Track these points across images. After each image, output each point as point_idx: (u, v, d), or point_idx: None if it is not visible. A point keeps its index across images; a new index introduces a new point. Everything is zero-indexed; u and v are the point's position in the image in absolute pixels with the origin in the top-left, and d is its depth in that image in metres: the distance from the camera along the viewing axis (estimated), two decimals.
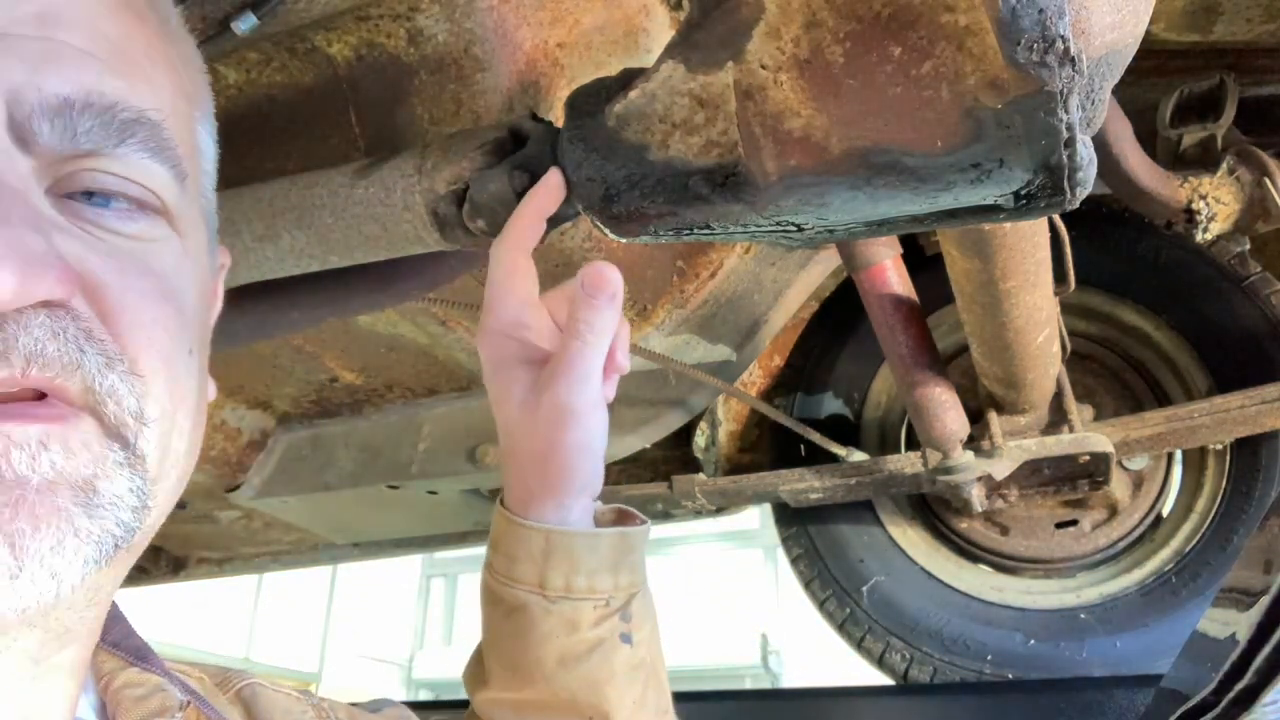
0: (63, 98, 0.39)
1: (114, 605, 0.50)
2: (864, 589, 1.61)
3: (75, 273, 0.37)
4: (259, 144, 1.01)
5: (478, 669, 0.72)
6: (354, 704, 0.73)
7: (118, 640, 0.53)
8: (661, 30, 1.06)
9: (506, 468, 0.68)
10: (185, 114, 0.48)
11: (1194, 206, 1.25)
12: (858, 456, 1.50)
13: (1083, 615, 1.53)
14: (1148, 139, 1.27)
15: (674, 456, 1.84)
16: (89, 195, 0.41)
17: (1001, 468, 1.39)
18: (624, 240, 0.66)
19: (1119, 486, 1.54)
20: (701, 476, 1.61)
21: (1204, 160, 1.29)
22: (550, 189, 0.66)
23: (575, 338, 0.62)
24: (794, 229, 0.62)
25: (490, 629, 0.69)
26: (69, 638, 0.43)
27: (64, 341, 0.37)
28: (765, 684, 6.64)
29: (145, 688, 0.51)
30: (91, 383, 0.38)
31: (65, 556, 0.36)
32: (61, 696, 0.45)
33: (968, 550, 1.64)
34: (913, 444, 1.63)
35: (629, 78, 0.63)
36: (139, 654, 0.53)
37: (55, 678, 0.44)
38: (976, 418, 1.41)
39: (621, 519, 0.72)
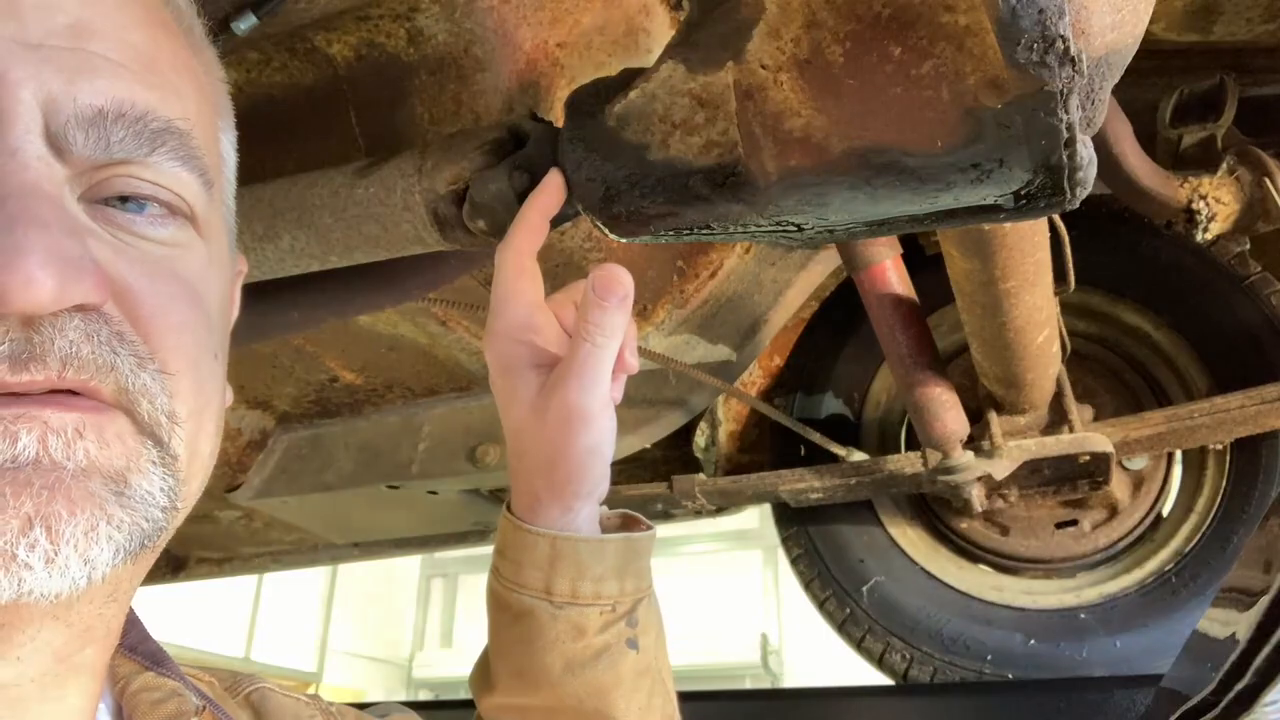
0: (96, 108, 0.40)
1: (130, 609, 0.50)
2: (864, 589, 1.61)
3: (108, 277, 0.38)
4: (259, 144, 1.01)
5: (484, 674, 0.72)
6: (361, 707, 0.73)
7: (134, 644, 0.53)
8: (661, 30, 1.05)
9: (514, 472, 0.68)
10: (210, 123, 0.49)
11: (1194, 206, 1.25)
12: (858, 456, 1.50)
13: (1083, 615, 1.53)
14: (1148, 139, 1.27)
15: (674, 456, 1.84)
16: (123, 200, 0.42)
17: (1001, 468, 1.39)
18: (624, 240, 0.66)
19: (1119, 486, 1.54)
20: (701, 476, 1.61)
21: (1204, 160, 1.29)
22: (552, 190, 0.65)
23: (585, 340, 0.62)
24: (794, 229, 0.62)
25: (496, 634, 0.69)
26: (90, 636, 0.43)
27: (97, 344, 0.38)
28: (765, 684, 6.63)
29: (161, 692, 0.51)
30: (125, 383, 0.39)
31: (99, 543, 0.37)
32: (83, 697, 0.45)
33: (968, 550, 1.64)
34: (913, 444, 1.63)
35: (629, 78, 0.63)
36: (155, 658, 0.53)
37: (78, 678, 0.44)
38: (976, 418, 1.41)
39: (627, 524, 0.72)
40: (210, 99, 0.50)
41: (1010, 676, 1.50)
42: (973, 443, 1.39)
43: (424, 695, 7.35)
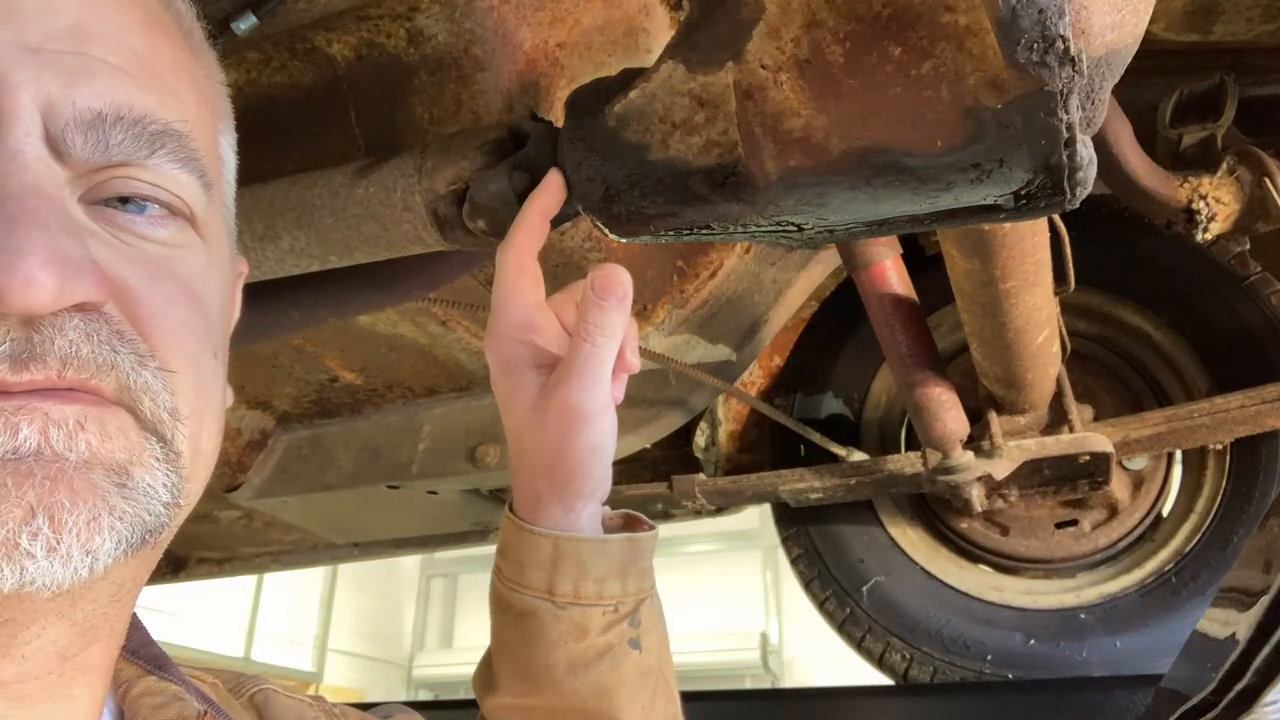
0: (95, 112, 0.40)
1: (133, 613, 0.51)
2: (864, 589, 1.61)
3: (108, 277, 0.39)
4: (259, 144, 1.01)
5: (487, 674, 0.72)
6: (363, 707, 0.73)
7: (135, 648, 0.53)
8: (661, 30, 1.06)
9: (515, 472, 0.68)
10: (209, 125, 0.49)
11: (1194, 206, 1.25)
12: (858, 456, 1.50)
13: (1083, 615, 1.53)
14: (1148, 139, 1.27)
15: (674, 456, 1.84)
16: (124, 201, 0.42)
17: (1001, 468, 1.39)
18: (624, 240, 0.66)
19: (1119, 486, 1.54)
20: (701, 476, 1.61)
21: (1204, 160, 1.29)
22: (552, 190, 0.66)
23: (585, 340, 0.62)
24: (794, 229, 0.62)
25: (499, 635, 0.69)
26: (94, 635, 0.43)
27: (97, 343, 0.38)
28: (765, 684, 6.63)
29: (163, 696, 0.51)
30: (126, 381, 0.39)
31: (101, 534, 0.37)
32: (90, 698, 0.45)
33: (968, 550, 1.64)
34: (913, 444, 1.63)
35: (629, 78, 0.63)
36: (157, 662, 0.53)
37: (84, 678, 0.44)
38: (976, 418, 1.41)
39: (629, 524, 0.72)
40: (209, 102, 0.50)
41: (1010, 676, 1.50)
42: (973, 443, 1.39)
43: (424, 695, 7.35)
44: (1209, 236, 1.27)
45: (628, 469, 1.86)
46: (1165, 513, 1.59)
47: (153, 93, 0.43)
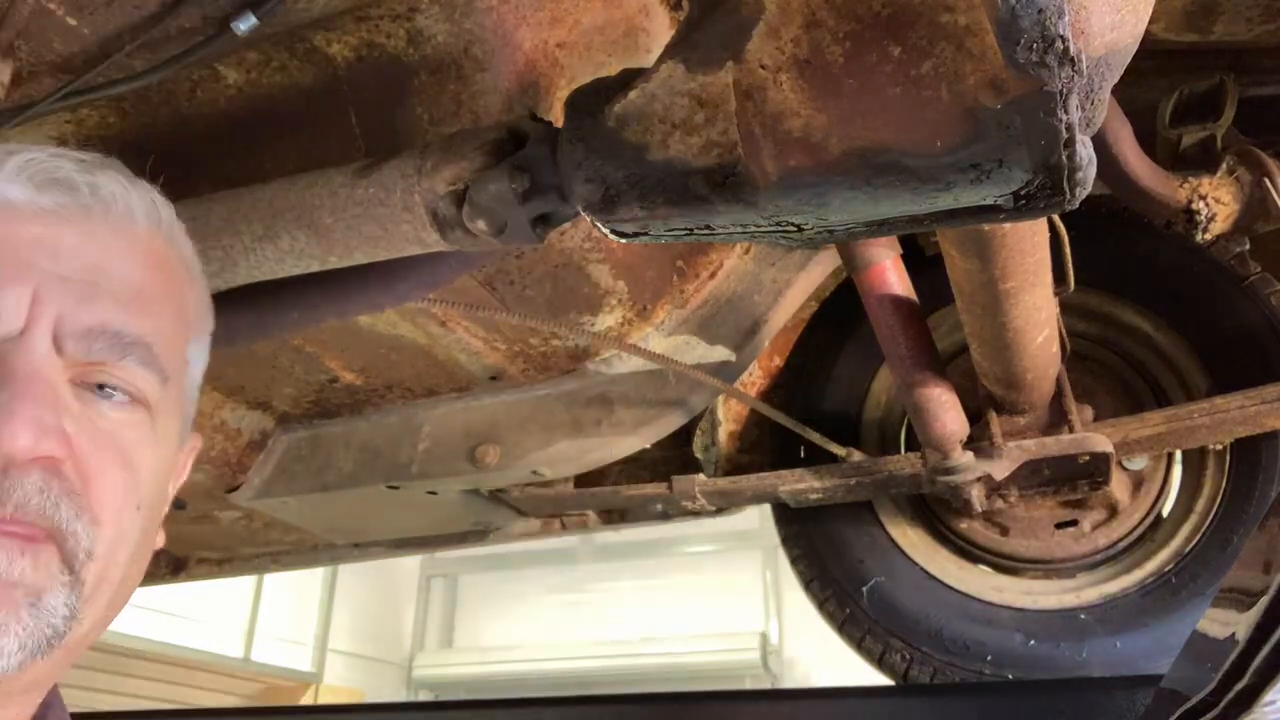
0: (87, 327, 0.56)
1: (56, 694, 0.62)
2: (864, 589, 1.61)
3: (71, 442, 0.54)
4: (259, 144, 1.01)
5: None
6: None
7: None
8: (661, 30, 1.06)
9: None
10: (179, 336, 0.64)
11: (1194, 206, 1.25)
12: (858, 457, 1.50)
13: (1083, 615, 1.53)
14: (1148, 139, 1.27)
15: (674, 456, 1.84)
16: (100, 387, 0.58)
17: (1001, 468, 1.39)
18: (624, 240, 0.66)
19: (1119, 487, 1.54)
20: (701, 477, 1.61)
21: (1204, 160, 1.29)
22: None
23: None
24: (794, 229, 0.62)
25: None
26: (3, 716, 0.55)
27: (45, 499, 0.52)
28: (765, 684, 6.63)
29: None
30: (60, 526, 0.53)
31: (8, 638, 0.50)
32: None
33: (968, 551, 1.64)
34: (913, 444, 1.63)
35: (629, 78, 0.63)
36: None
37: None
38: (976, 418, 1.41)
39: None
40: (185, 318, 0.65)
41: (1010, 677, 1.50)
42: (973, 443, 1.39)
43: (424, 695, 7.35)
44: (1209, 236, 1.27)
45: (628, 469, 1.86)
46: (1165, 513, 1.59)
47: (135, 315, 0.58)
